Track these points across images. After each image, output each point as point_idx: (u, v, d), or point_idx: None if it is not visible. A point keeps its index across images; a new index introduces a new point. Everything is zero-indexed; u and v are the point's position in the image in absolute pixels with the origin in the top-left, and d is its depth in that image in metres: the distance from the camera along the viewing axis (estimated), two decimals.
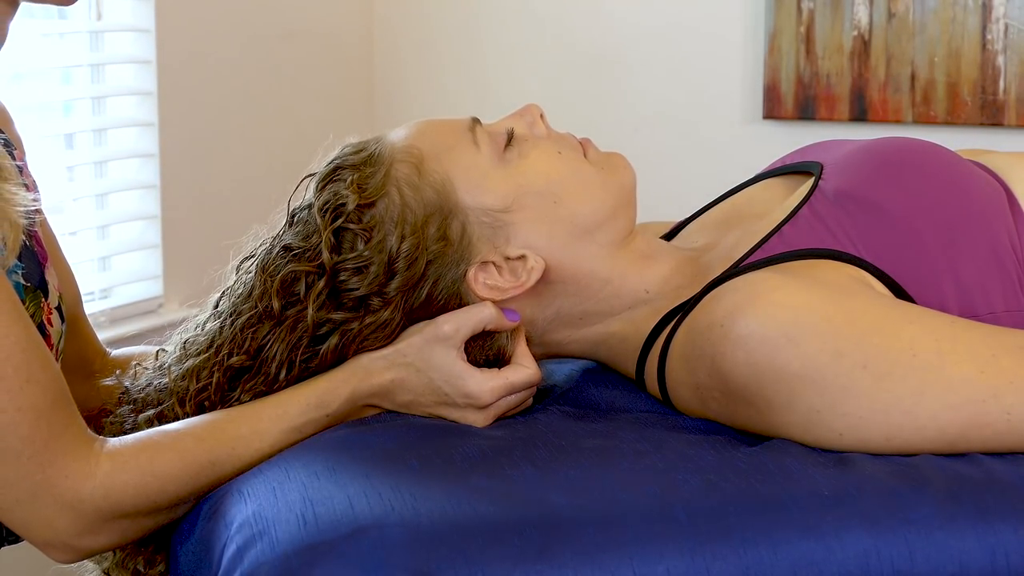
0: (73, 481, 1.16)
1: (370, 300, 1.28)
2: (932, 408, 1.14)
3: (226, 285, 1.35)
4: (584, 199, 1.33)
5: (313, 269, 1.28)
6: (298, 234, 1.30)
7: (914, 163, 1.35)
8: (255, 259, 1.33)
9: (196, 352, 1.31)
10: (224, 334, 1.30)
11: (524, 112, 1.37)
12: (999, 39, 2.60)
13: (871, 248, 1.28)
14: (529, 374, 1.30)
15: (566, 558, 1.03)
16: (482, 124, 1.35)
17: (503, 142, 1.33)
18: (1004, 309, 1.27)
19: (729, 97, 2.83)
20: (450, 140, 1.33)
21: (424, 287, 1.28)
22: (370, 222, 1.28)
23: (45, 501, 1.16)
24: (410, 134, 1.34)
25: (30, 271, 1.26)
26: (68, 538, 1.18)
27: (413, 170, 1.30)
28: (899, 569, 1.04)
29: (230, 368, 1.29)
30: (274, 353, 1.28)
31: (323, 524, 1.08)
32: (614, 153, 1.38)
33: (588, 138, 1.38)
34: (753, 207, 1.45)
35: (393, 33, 3.09)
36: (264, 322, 1.28)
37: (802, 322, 1.17)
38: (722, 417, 1.25)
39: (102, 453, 1.18)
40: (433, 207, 1.29)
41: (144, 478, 1.19)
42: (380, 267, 1.27)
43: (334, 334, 1.28)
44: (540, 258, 1.31)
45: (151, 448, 1.20)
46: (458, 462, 1.17)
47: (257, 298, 1.29)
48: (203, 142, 2.66)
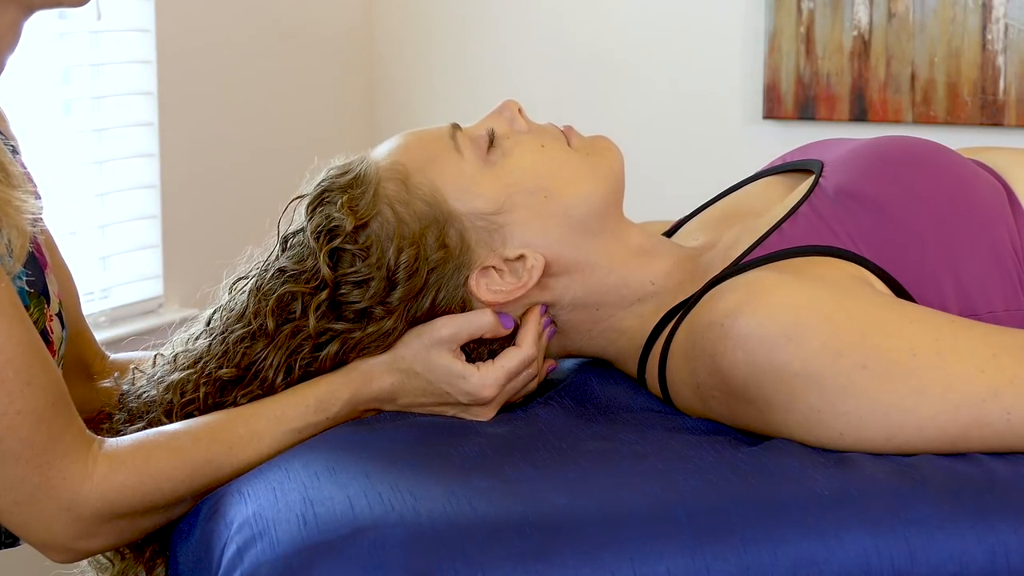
0: (71, 483, 1.16)
1: (373, 310, 1.28)
2: (932, 408, 1.14)
3: (219, 303, 1.35)
4: (574, 189, 1.32)
5: (310, 290, 1.27)
6: (292, 257, 1.30)
7: (915, 161, 1.35)
8: (249, 280, 1.32)
9: (184, 366, 1.31)
10: (213, 350, 1.30)
11: (502, 109, 1.36)
12: (999, 39, 2.60)
13: (871, 246, 1.28)
14: (522, 354, 1.30)
15: (566, 558, 1.03)
16: (462, 128, 1.34)
17: (485, 144, 1.32)
18: (1004, 308, 1.27)
19: (729, 97, 2.83)
20: (432, 150, 1.32)
21: (427, 297, 1.28)
22: (366, 242, 1.28)
23: (43, 503, 1.16)
24: (392, 150, 1.33)
25: (34, 278, 1.26)
26: (66, 540, 1.18)
27: (400, 186, 1.30)
28: (899, 569, 1.04)
29: (219, 380, 1.28)
30: (270, 362, 1.28)
31: (323, 524, 1.08)
32: (598, 136, 1.37)
33: (570, 125, 1.38)
34: (753, 204, 1.45)
35: (393, 33, 3.09)
36: (258, 339, 1.28)
37: (802, 321, 1.17)
38: (722, 416, 1.25)
39: (100, 454, 1.18)
40: (428, 219, 1.29)
41: (140, 478, 1.19)
42: (381, 281, 1.27)
43: (334, 342, 1.28)
44: (539, 255, 1.31)
45: (147, 448, 1.21)
46: (458, 462, 1.17)
47: (251, 316, 1.29)
48: (203, 142, 2.66)
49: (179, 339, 1.36)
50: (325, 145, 3.01)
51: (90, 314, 2.41)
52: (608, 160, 1.35)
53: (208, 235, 2.64)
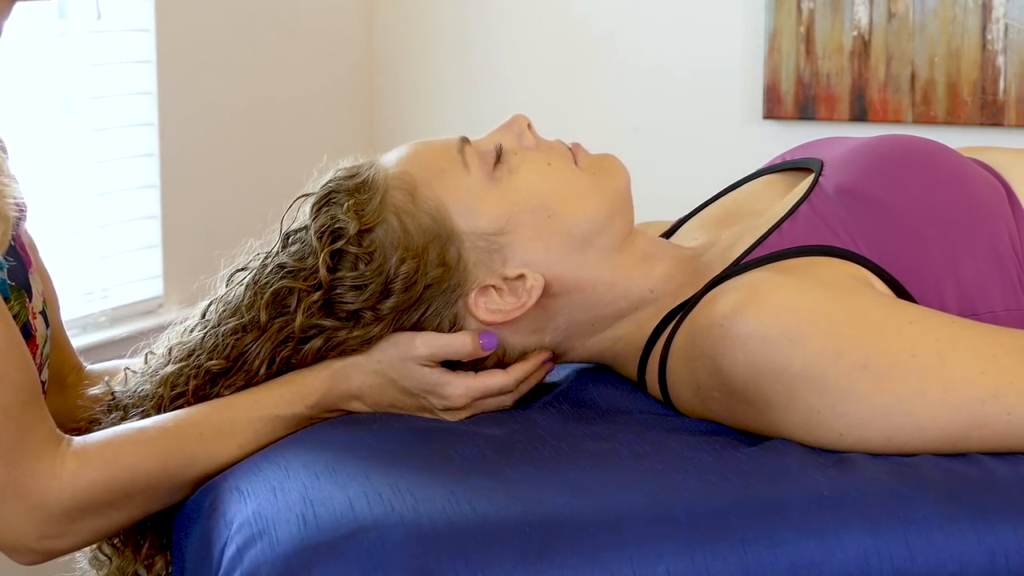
0: (39, 481, 1.16)
1: (363, 314, 1.28)
2: (932, 408, 1.14)
3: (216, 295, 1.35)
4: (578, 208, 1.32)
5: (307, 287, 1.28)
6: (293, 254, 1.30)
7: (915, 160, 1.35)
8: (247, 272, 1.33)
9: (177, 358, 1.32)
10: (206, 343, 1.30)
11: (511, 124, 1.36)
12: (999, 39, 2.60)
13: (871, 245, 1.27)
14: (503, 381, 1.31)
15: (566, 558, 1.03)
16: (471, 142, 1.34)
17: (492, 160, 1.32)
18: (1004, 308, 1.27)
19: (729, 97, 2.83)
20: (440, 164, 1.32)
21: (417, 311, 1.29)
22: (370, 246, 1.28)
23: (11, 502, 1.16)
24: (402, 159, 1.33)
25: (15, 270, 1.26)
26: (31, 540, 1.17)
27: (407, 197, 1.30)
28: (899, 569, 1.04)
29: (208, 371, 1.29)
30: (257, 352, 1.28)
31: (323, 524, 1.08)
32: (605, 155, 1.38)
33: (578, 143, 1.37)
34: (753, 203, 1.45)
35: (393, 33, 3.09)
36: (249, 331, 1.29)
37: (803, 322, 1.17)
38: (722, 417, 1.25)
39: (68, 452, 1.18)
40: (431, 234, 1.29)
41: (112, 472, 1.19)
42: (377, 288, 1.28)
43: (319, 337, 1.28)
44: (539, 275, 1.31)
45: (116, 443, 1.20)
46: (458, 463, 1.18)
47: (245, 309, 1.29)
48: (203, 142, 2.66)
49: (175, 330, 1.36)
50: (325, 145, 3.01)
51: (90, 314, 2.41)
52: (613, 179, 1.35)
53: (208, 235, 2.64)
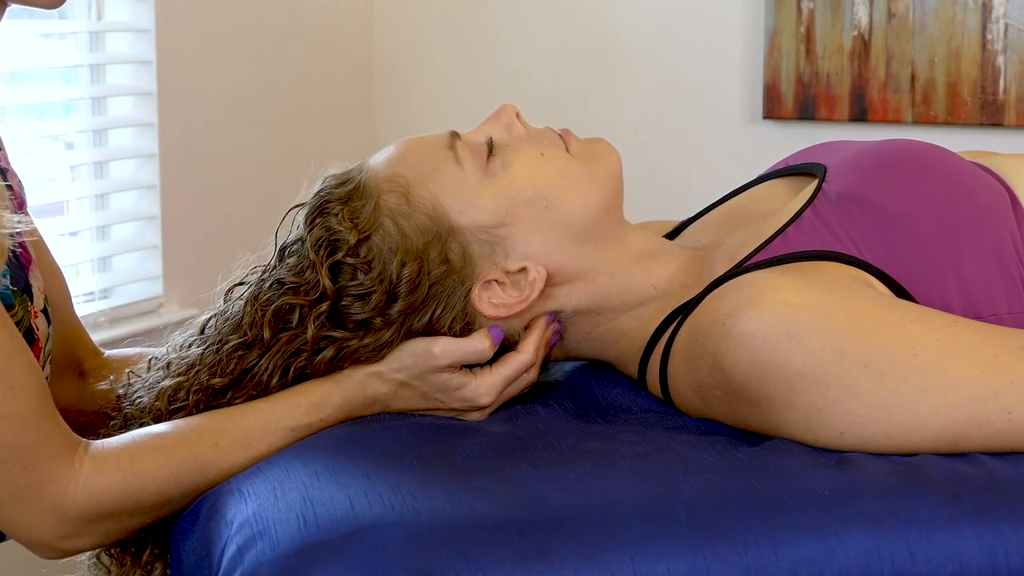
0: (56, 485, 1.17)
1: (372, 321, 1.27)
2: (933, 407, 1.14)
3: (215, 310, 1.34)
4: (574, 197, 1.32)
5: (308, 302, 1.27)
6: (291, 269, 1.29)
7: (917, 165, 1.34)
8: (246, 288, 1.32)
9: (177, 372, 1.31)
10: (206, 359, 1.30)
11: (500, 114, 1.36)
12: (999, 39, 2.60)
13: (874, 251, 1.28)
14: (521, 360, 1.30)
15: (566, 558, 1.03)
16: (461, 137, 1.34)
17: (484, 153, 1.32)
18: (1007, 311, 1.27)
19: (729, 97, 2.83)
20: (432, 161, 1.31)
21: (427, 311, 1.28)
22: (367, 255, 1.28)
23: (30, 505, 1.17)
24: (391, 160, 1.32)
25: (15, 276, 1.26)
26: (52, 539, 1.19)
27: (402, 199, 1.29)
28: (899, 569, 1.04)
29: (211, 388, 1.28)
30: (265, 367, 1.27)
31: (323, 524, 1.08)
32: (595, 140, 1.37)
33: (568, 129, 1.37)
34: (757, 208, 1.45)
35: (393, 33, 3.09)
36: (253, 349, 1.28)
37: (804, 321, 1.17)
38: (723, 416, 1.25)
39: (85, 457, 1.19)
40: (430, 233, 1.28)
41: (126, 478, 1.19)
42: (382, 295, 1.27)
43: (330, 348, 1.28)
44: (541, 267, 1.31)
45: (132, 449, 1.21)
46: (458, 463, 1.18)
47: (247, 327, 1.29)
48: (203, 142, 2.66)
49: (173, 344, 1.36)
50: (325, 145, 3.02)
51: (90, 314, 2.41)
52: (607, 164, 1.35)
53: (208, 236, 2.64)
